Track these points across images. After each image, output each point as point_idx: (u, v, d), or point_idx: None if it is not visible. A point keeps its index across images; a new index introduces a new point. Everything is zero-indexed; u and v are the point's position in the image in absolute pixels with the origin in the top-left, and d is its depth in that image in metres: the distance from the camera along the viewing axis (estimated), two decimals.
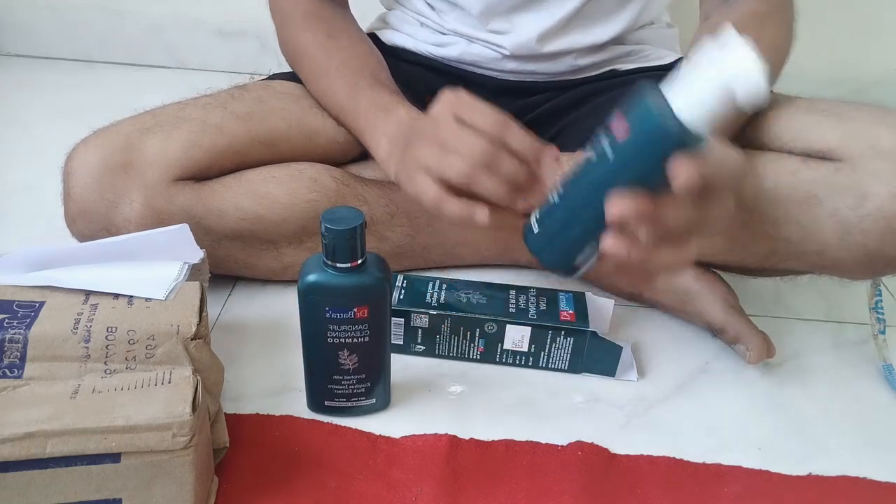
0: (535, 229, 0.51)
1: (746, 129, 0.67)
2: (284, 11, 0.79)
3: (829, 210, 0.61)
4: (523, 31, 0.78)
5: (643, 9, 0.80)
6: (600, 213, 0.44)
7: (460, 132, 0.54)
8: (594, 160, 0.45)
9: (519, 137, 0.54)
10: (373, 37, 0.87)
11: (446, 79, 0.84)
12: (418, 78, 0.84)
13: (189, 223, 0.64)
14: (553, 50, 0.79)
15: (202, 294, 0.58)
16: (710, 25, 0.71)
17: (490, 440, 0.63)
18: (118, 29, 1.39)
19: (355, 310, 0.57)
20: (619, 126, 0.42)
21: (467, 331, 0.69)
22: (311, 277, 0.56)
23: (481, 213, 0.53)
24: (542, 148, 0.54)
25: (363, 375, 0.61)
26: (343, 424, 0.63)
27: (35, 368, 0.52)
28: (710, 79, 0.37)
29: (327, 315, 0.57)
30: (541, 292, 0.71)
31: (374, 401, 0.63)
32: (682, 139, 0.40)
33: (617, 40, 0.82)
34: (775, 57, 0.67)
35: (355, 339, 0.58)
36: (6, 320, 0.53)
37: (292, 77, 0.82)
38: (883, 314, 0.74)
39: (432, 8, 0.83)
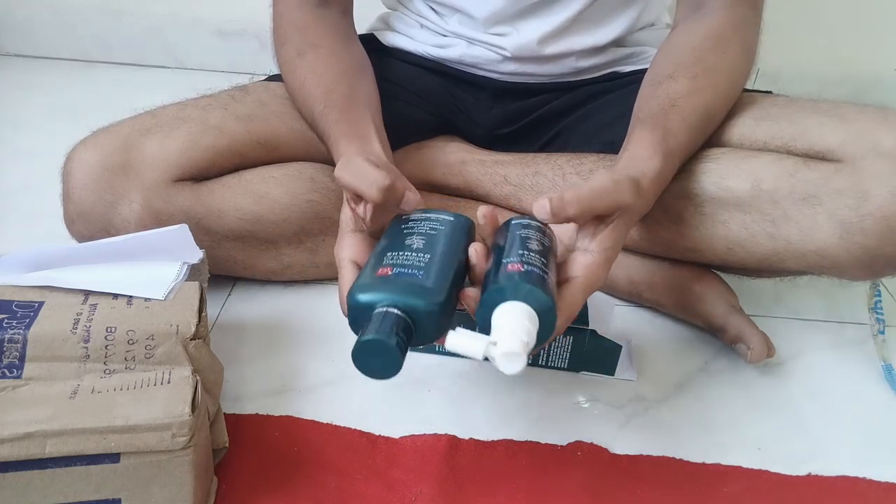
0: None
1: (755, 130, 0.68)
2: (275, 19, 0.78)
3: (829, 210, 0.61)
4: (524, 33, 0.78)
5: (643, 10, 0.80)
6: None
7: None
8: None
9: None
10: (372, 38, 0.87)
11: (445, 80, 0.84)
12: (417, 78, 0.84)
13: (188, 224, 0.64)
14: (553, 52, 0.79)
15: (201, 294, 0.58)
16: (671, 47, 0.72)
17: (490, 440, 0.63)
18: (118, 29, 1.40)
19: None
20: None
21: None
22: None
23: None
24: None
25: None
26: (342, 425, 0.63)
27: (34, 368, 0.52)
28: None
29: None
30: None
31: None
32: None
33: (617, 42, 0.82)
34: (735, 79, 0.69)
35: None
36: (5, 320, 0.53)
37: None
38: (882, 314, 0.74)
39: (434, 11, 0.83)
